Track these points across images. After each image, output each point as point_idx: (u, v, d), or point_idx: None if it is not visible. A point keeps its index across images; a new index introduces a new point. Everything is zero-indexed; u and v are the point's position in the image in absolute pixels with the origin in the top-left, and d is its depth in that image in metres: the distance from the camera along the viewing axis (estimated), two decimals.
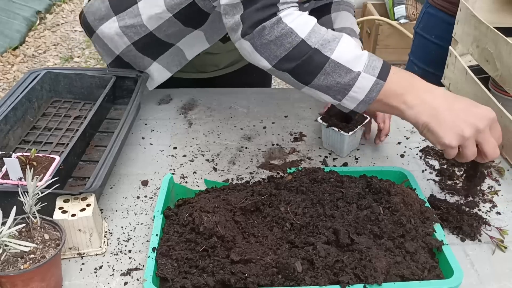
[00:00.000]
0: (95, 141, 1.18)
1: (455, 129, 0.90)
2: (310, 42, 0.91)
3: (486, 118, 0.91)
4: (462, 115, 0.90)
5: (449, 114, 0.90)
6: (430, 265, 0.87)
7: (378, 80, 0.92)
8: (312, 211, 0.94)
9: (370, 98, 0.93)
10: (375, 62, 0.93)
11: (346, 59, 0.92)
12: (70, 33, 4.40)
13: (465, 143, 0.91)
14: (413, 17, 3.81)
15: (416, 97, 0.92)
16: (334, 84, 0.93)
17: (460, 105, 0.92)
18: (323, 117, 1.20)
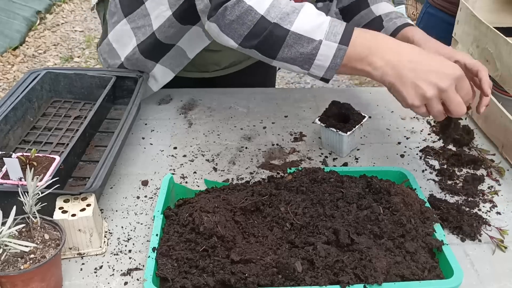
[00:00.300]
0: (95, 141, 1.18)
1: (417, 89, 0.90)
2: (270, 17, 0.93)
3: (448, 77, 0.90)
4: (424, 74, 0.89)
5: (412, 74, 0.90)
6: (430, 265, 0.87)
7: (340, 46, 0.92)
8: (312, 211, 0.94)
9: (335, 65, 0.94)
10: (336, 28, 0.93)
11: (305, 29, 0.93)
12: (70, 33, 4.40)
13: (428, 103, 0.91)
14: (413, 17, 3.81)
15: (381, 58, 0.92)
16: (298, 55, 0.94)
17: (424, 64, 0.91)
18: (321, 118, 1.20)
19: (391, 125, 1.35)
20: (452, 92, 0.90)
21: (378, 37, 0.95)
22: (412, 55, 0.92)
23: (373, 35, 0.96)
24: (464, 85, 0.92)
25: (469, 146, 1.26)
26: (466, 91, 0.93)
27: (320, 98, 1.47)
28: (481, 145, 1.27)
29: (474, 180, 1.14)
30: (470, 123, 1.35)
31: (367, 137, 1.28)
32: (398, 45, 0.94)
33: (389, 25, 1.19)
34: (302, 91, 1.52)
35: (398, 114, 1.40)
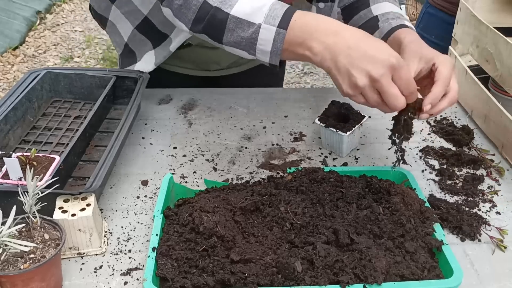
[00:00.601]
0: (95, 141, 1.18)
1: (350, 77, 0.85)
2: (211, 1, 0.92)
3: (382, 65, 0.83)
4: (358, 61, 0.84)
5: (347, 60, 0.84)
6: (430, 265, 0.87)
7: (279, 30, 0.89)
8: (312, 211, 0.94)
9: (276, 49, 0.90)
10: (276, 11, 0.90)
11: (245, 12, 0.90)
12: (70, 33, 4.40)
13: (362, 92, 0.86)
14: (413, 17, 3.81)
15: (320, 43, 0.87)
16: (240, 39, 0.92)
17: (361, 50, 0.85)
18: (321, 118, 1.20)
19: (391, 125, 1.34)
20: (386, 82, 0.84)
21: (318, 20, 0.90)
22: (352, 40, 0.86)
23: (314, 18, 0.90)
24: (402, 76, 0.85)
25: (469, 146, 1.26)
26: (404, 83, 0.85)
27: (320, 98, 1.47)
28: (481, 145, 1.27)
29: (474, 180, 1.14)
30: (470, 123, 1.35)
31: (367, 137, 1.28)
32: (339, 28, 0.88)
33: (384, 25, 1.15)
34: (302, 91, 1.52)
35: None
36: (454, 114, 1.41)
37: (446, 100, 0.94)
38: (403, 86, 0.85)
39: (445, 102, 0.94)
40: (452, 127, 1.32)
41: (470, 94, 1.38)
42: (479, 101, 1.33)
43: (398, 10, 1.19)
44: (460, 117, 1.40)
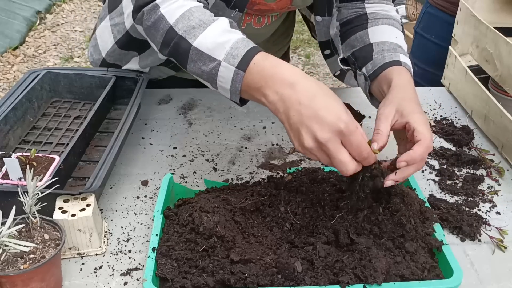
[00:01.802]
0: (95, 141, 1.18)
1: (298, 136, 0.81)
2: (177, 29, 0.91)
3: (329, 129, 0.79)
4: (307, 121, 0.80)
5: (297, 118, 0.80)
6: (430, 265, 0.87)
7: (237, 70, 0.86)
8: (312, 211, 0.94)
9: (235, 89, 0.87)
10: (238, 50, 0.86)
11: (207, 46, 0.88)
12: (70, 33, 4.40)
13: (311, 152, 0.82)
14: (413, 17, 3.81)
15: (275, 93, 0.83)
16: (201, 72, 0.90)
17: (311, 109, 0.80)
18: None
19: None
20: (333, 147, 0.79)
21: (277, 67, 0.84)
22: (304, 96, 0.81)
23: (273, 65, 0.85)
24: (352, 141, 0.80)
25: (469, 146, 1.26)
26: (355, 149, 0.80)
27: None
28: (481, 145, 1.27)
29: (474, 180, 1.14)
30: (470, 123, 1.35)
31: (367, 137, 1.28)
32: (296, 80, 0.83)
33: (378, 58, 1.07)
34: None
35: None
36: (454, 114, 1.41)
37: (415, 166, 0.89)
38: (354, 151, 0.81)
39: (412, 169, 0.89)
40: (452, 127, 1.32)
41: (470, 94, 1.38)
42: (479, 101, 1.33)
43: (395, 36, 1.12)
44: (460, 117, 1.40)
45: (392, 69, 1.03)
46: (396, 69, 1.03)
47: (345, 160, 0.80)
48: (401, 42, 1.10)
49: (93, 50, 1.37)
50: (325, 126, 0.79)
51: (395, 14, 1.17)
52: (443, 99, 1.48)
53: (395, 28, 1.14)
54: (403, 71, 1.03)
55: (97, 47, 1.35)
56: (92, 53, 1.38)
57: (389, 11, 1.17)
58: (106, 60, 1.34)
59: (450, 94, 1.51)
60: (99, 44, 1.34)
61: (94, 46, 1.36)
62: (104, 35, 1.32)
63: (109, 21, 1.30)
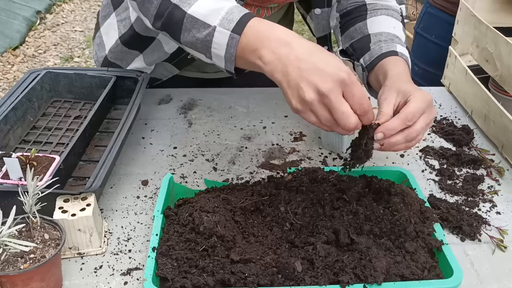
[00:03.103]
0: (95, 141, 1.18)
1: (298, 91, 0.80)
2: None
3: (331, 79, 0.78)
4: (307, 74, 0.79)
5: (297, 73, 0.80)
6: (430, 265, 0.87)
7: (232, 34, 0.85)
8: (312, 211, 0.94)
9: (230, 55, 0.87)
10: (233, 15, 0.86)
11: (202, 13, 0.88)
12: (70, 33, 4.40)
13: (311, 109, 0.80)
14: (413, 17, 3.81)
15: (271, 52, 0.83)
16: (195, 40, 0.90)
17: (310, 62, 0.79)
18: None
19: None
20: (335, 98, 0.78)
21: (273, 29, 0.85)
22: (302, 52, 0.81)
23: (268, 26, 0.86)
24: (354, 92, 0.79)
25: (469, 146, 1.26)
26: (357, 101, 0.79)
27: None
28: (481, 145, 1.27)
29: (474, 180, 1.14)
30: (470, 123, 1.35)
31: None
32: (292, 39, 0.83)
33: (375, 48, 1.08)
34: None
35: None
36: (454, 114, 1.41)
37: (401, 135, 0.88)
38: (355, 104, 0.80)
39: (399, 137, 0.88)
40: (452, 127, 1.32)
41: (470, 94, 1.38)
42: (479, 101, 1.33)
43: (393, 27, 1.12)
44: (460, 117, 1.40)
45: (389, 59, 1.04)
46: (392, 59, 1.04)
47: (347, 112, 0.79)
48: (399, 33, 1.10)
49: (98, 48, 1.37)
50: (327, 77, 0.78)
51: (395, 4, 1.18)
52: (443, 99, 1.48)
53: (394, 19, 1.14)
54: (399, 61, 1.03)
55: (102, 44, 1.35)
56: (97, 51, 1.38)
57: (388, 1, 1.18)
58: (108, 57, 1.34)
59: (450, 94, 1.51)
60: (104, 42, 1.34)
61: (99, 44, 1.37)
62: (110, 32, 1.32)
63: (115, 17, 1.30)
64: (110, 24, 1.32)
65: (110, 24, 1.32)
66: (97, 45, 1.38)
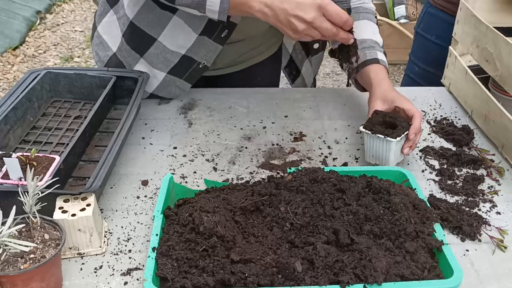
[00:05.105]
0: (95, 141, 1.18)
1: (290, 26, 1.01)
2: None
3: (310, 9, 0.99)
4: (292, 10, 1.00)
5: (283, 12, 1.00)
6: (430, 265, 0.87)
7: None
8: (312, 211, 0.94)
9: (223, 9, 1.05)
10: None
11: None
12: (70, 33, 4.40)
13: (305, 33, 1.01)
14: (413, 17, 3.81)
15: (259, 2, 1.02)
16: (190, 2, 1.06)
17: (290, 1, 1.00)
18: (366, 126, 1.13)
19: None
20: (319, 22, 1.00)
21: None
22: None
23: None
24: (330, 10, 1.00)
25: (469, 146, 1.26)
26: (335, 17, 1.01)
27: (320, 98, 1.47)
28: (481, 145, 1.27)
29: (474, 180, 1.14)
30: (470, 123, 1.35)
31: None
32: None
33: (360, 54, 1.26)
34: (302, 91, 1.52)
35: None
36: (454, 114, 1.41)
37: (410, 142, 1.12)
38: (335, 19, 1.01)
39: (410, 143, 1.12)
40: (452, 127, 1.32)
41: (470, 94, 1.38)
42: (479, 101, 1.33)
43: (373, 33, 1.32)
44: (460, 117, 1.40)
45: (371, 67, 1.26)
46: (374, 68, 1.26)
47: (330, 28, 1.02)
48: (377, 38, 1.32)
49: (98, 48, 1.37)
50: (307, 9, 1.00)
51: (372, 5, 1.39)
52: (443, 99, 1.48)
53: (372, 23, 1.35)
54: (380, 69, 1.26)
55: (104, 44, 1.35)
56: (98, 52, 1.37)
57: (367, 3, 1.37)
58: (117, 55, 1.33)
59: (450, 94, 1.51)
60: (106, 41, 1.34)
61: (99, 44, 1.36)
62: (111, 30, 1.32)
63: (114, 15, 1.31)
64: (108, 23, 1.32)
65: (108, 23, 1.32)
66: (97, 45, 1.37)
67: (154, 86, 1.36)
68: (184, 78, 1.34)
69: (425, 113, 1.41)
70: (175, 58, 1.29)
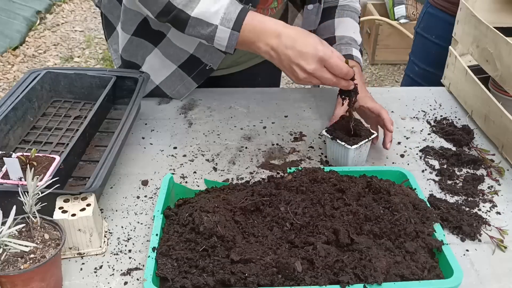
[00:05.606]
0: (95, 141, 1.18)
1: (293, 73, 1.04)
2: (175, 3, 1.07)
3: (312, 60, 1.01)
4: (295, 58, 1.02)
5: (287, 58, 1.03)
6: (430, 265, 0.87)
7: (233, 32, 1.06)
8: (312, 211, 0.94)
9: (231, 45, 1.08)
10: (231, 15, 1.05)
11: (204, 15, 1.06)
12: (70, 33, 4.40)
13: (306, 80, 1.04)
14: (413, 17, 3.81)
15: (265, 44, 1.05)
16: (200, 35, 1.09)
17: (295, 49, 1.02)
18: (328, 130, 1.16)
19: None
20: (320, 72, 1.02)
21: (265, 23, 1.05)
22: (289, 41, 1.03)
23: (261, 21, 1.06)
24: (332, 63, 1.02)
25: (469, 146, 1.26)
26: (335, 68, 1.03)
27: (320, 98, 1.47)
28: (481, 145, 1.27)
29: (474, 180, 1.14)
30: (470, 123, 1.35)
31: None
32: (280, 31, 1.04)
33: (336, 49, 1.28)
34: (302, 91, 1.52)
35: (398, 114, 1.40)
36: (454, 114, 1.41)
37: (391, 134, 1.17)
38: (335, 71, 1.03)
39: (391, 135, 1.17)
40: (452, 127, 1.32)
41: (470, 94, 1.38)
42: (479, 101, 1.33)
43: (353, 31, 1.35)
44: (460, 117, 1.40)
45: None
46: None
47: (330, 78, 1.04)
48: (357, 36, 1.35)
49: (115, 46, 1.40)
50: (309, 59, 1.01)
51: (358, 6, 1.42)
52: (443, 99, 1.48)
53: (355, 22, 1.38)
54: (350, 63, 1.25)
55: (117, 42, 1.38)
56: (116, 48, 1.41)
57: (354, 2, 1.40)
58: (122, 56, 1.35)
59: (450, 94, 1.51)
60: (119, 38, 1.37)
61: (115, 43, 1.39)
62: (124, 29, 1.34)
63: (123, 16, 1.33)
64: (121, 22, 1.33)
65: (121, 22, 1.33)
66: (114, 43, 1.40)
67: (162, 77, 1.37)
68: (192, 76, 1.36)
69: (425, 113, 1.41)
70: (184, 54, 1.32)
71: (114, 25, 1.39)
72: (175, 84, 1.38)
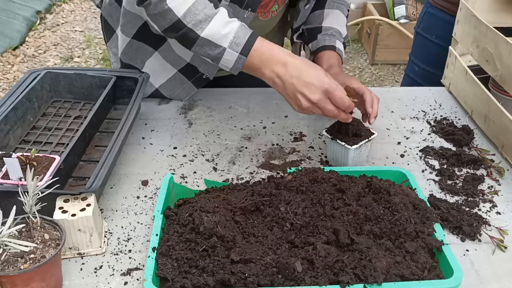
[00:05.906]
0: (95, 141, 1.18)
1: (296, 101, 1.06)
2: (185, 22, 1.07)
3: (317, 91, 1.04)
4: (300, 88, 1.04)
5: (292, 87, 1.05)
6: (430, 265, 0.87)
7: (240, 56, 1.08)
8: (312, 211, 0.94)
9: (236, 68, 1.10)
10: (240, 39, 1.07)
11: (214, 37, 1.08)
12: (70, 33, 4.40)
13: (309, 110, 1.06)
14: (413, 17, 3.81)
15: (271, 71, 1.07)
16: (207, 54, 1.11)
17: (301, 79, 1.04)
18: (328, 130, 1.16)
19: (391, 125, 1.35)
20: (323, 103, 1.05)
21: (272, 51, 1.08)
22: (295, 71, 1.05)
23: (268, 48, 1.08)
24: (335, 96, 1.05)
25: (469, 146, 1.26)
26: (338, 101, 1.05)
27: None
28: (481, 145, 1.27)
29: (474, 180, 1.14)
30: (470, 123, 1.35)
31: None
32: (287, 60, 1.06)
33: (320, 39, 1.35)
34: None
35: (398, 114, 1.40)
36: (454, 114, 1.41)
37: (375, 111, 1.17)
38: (338, 104, 1.06)
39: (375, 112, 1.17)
40: (452, 127, 1.32)
41: (470, 94, 1.38)
42: (479, 101, 1.33)
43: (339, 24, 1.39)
44: (460, 117, 1.40)
45: (327, 52, 1.34)
46: (328, 54, 1.33)
47: (332, 110, 1.06)
48: (342, 29, 1.39)
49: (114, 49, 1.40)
50: (314, 89, 1.04)
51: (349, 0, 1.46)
52: (443, 99, 1.48)
53: (343, 15, 1.42)
54: (333, 55, 1.33)
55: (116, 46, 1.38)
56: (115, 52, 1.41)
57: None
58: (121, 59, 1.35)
59: (450, 94, 1.51)
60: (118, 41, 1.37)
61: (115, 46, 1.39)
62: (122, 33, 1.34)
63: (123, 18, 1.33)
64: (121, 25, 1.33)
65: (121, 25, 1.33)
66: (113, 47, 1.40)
67: (162, 80, 1.37)
68: (192, 81, 1.38)
69: (425, 113, 1.41)
70: (182, 62, 1.33)
71: (114, 28, 1.38)
72: (175, 88, 1.38)
